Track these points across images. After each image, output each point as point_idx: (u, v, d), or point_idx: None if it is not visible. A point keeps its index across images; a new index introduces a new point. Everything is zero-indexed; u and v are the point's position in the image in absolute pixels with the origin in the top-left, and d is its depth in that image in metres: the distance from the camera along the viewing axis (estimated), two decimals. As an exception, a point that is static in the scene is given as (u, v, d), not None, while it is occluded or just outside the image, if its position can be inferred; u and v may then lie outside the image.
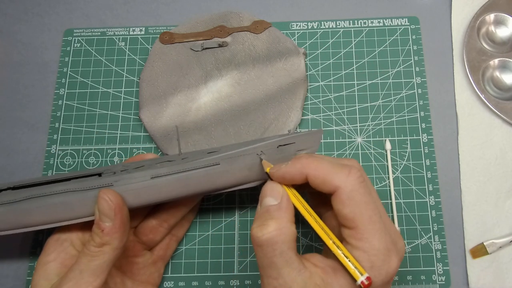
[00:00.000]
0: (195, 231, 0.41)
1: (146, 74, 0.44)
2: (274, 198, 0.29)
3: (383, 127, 0.43)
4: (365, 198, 0.27)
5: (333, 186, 0.28)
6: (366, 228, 0.27)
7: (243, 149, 0.33)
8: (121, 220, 0.31)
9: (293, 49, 0.44)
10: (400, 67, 0.45)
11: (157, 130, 0.42)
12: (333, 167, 0.28)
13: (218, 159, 0.33)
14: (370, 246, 0.27)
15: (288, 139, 0.34)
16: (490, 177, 0.41)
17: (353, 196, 0.27)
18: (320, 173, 0.28)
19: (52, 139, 0.44)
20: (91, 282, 0.29)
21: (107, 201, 0.30)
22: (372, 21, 0.47)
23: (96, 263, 0.30)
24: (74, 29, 0.48)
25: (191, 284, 0.39)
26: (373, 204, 0.28)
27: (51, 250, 0.32)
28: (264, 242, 0.27)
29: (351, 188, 0.27)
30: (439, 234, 0.39)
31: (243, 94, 0.43)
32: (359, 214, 0.27)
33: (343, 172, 0.28)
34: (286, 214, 0.28)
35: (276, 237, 0.27)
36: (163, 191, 0.33)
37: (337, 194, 0.28)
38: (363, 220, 0.27)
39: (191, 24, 0.46)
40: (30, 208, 0.32)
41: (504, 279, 0.38)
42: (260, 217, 0.28)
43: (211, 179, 0.33)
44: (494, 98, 0.43)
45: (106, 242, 0.30)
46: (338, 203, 0.28)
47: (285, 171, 0.30)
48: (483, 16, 0.45)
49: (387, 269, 0.27)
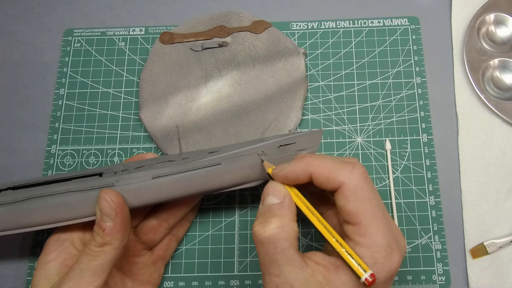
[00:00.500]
0: (195, 231, 0.41)
1: (146, 74, 0.44)
2: (276, 197, 0.29)
3: (383, 127, 0.43)
4: (369, 194, 0.28)
5: (337, 182, 0.28)
6: (370, 224, 0.27)
7: (244, 149, 0.33)
8: (122, 220, 0.31)
9: (293, 49, 0.44)
10: (400, 67, 0.45)
11: (157, 130, 0.42)
12: (337, 164, 0.28)
13: (219, 159, 0.33)
14: (373, 242, 0.27)
15: (289, 139, 0.34)
16: (490, 177, 0.41)
17: (357, 191, 0.27)
18: (324, 170, 0.28)
19: (52, 139, 0.44)
20: (91, 282, 0.29)
21: (108, 201, 0.30)
22: (372, 21, 0.47)
23: (97, 263, 0.30)
24: (74, 29, 0.48)
25: (191, 284, 0.39)
26: (376, 200, 0.28)
27: (51, 250, 0.32)
28: (266, 239, 0.27)
29: (355, 184, 0.28)
30: (439, 234, 0.39)
31: (243, 94, 0.43)
32: (363, 210, 0.27)
33: (347, 168, 0.28)
34: (288, 212, 0.28)
35: (278, 234, 0.27)
36: (164, 191, 0.33)
37: (341, 189, 0.28)
38: (367, 215, 0.27)
39: (191, 24, 0.46)
40: (30, 208, 0.32)
41: (504, 279, 0.38)
42: (262, 215, 0.28)
43: (212, 179, 0.33)
44: (494, 98, 0.43)
45: (107, 242, 0.30)
46: (342, 199, 0.28)
47: (288, 171, 0.30)
48: (483, 16, 0.45)
49: (390, 265, 0.27)
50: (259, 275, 0.39)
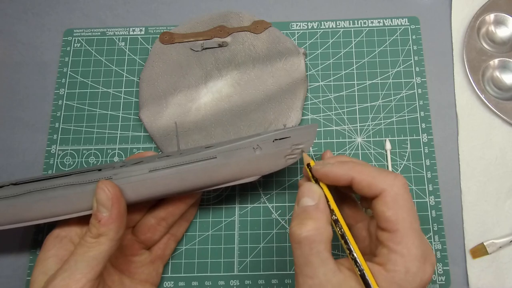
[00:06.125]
0: (195, 231, 0.41)
1: (146, 74, 0.44)
2: (312, 198, 0.30)
3: (383, 127, 0.43)
4: (408, 204, 0.28)
5: (379, 189, 0.28)
6: (406, 233, 0.27)
7: (240, 143, 0.34)
8: (118, 211, 0.31)
9: (293, 49, 0.44)
10: (400, 67, 0.45)
11: (157, 130, 0.42)
12: (380, 172, 0.29)
13: (215, 153, 0.33)
14: (408, 251, 0.27)
15: (284, 133, 0.34)
16: (490, 177, 0.41)
17: (397, 199, 0.28)
18: (367, 176, 0.29)
19: (52, 139, 0.44)
20: (85, 273, 0.29)
21: (105, 191, 0.31)
22: (372, 21, 0.47)
23: (91, 254, 0.30)
24: (74, 29, 0.48)
25: (191, 284, 0.39)
26: (414, 212, 0.28)
27: (50, 247, 0.33)
28: (302, 240, 0.27)
29: (396, 192, 0.28)
30: (439, 234, 0.39)
31: (243, 94, 0.43)
32: (401, 218, 0.27)
33: (389, 177, 0.29)
34: (323, 215, 0.29)
35: (314, 236, 0.27)
36: (160, 184, 0.33)
37: (381, 196, 0.28)
38: (405, 224, 0.27)
39: (191, 24, 0.46)
40: (30, 201, 0.32)
41: (504, 279, 0.38)
42: (298, 216, 0.29)
43: (208, 173, 0.33)
44: (494, 98, 0.43)
45: (102, 233, 0.30)
46: (382, 205, 0.28)
47: (330, 170, 0.30)
48: (483, 16, 0.45)
49: (422, 276, 0.27)
50: (259, 275, 0.39)
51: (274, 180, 0.42)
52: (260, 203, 0.41)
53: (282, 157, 0.35)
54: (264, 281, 0.39)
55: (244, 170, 0.34)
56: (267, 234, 0.40)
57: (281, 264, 0.39)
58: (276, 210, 0.41)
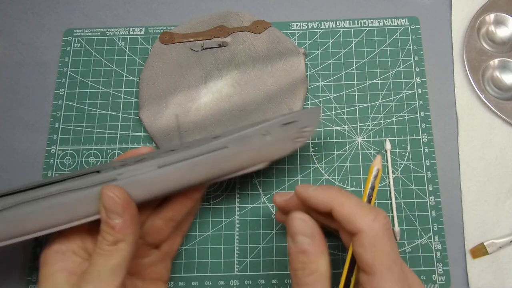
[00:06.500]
0: (195, 231, 0.41)
1: (146, 74, 0.44)
2: (307, 236, 0.29)
3: (383, 127, 0.43)
4: (387, 246, 0.27)
5: (356, 228, 0.28)
6: (383, 278, 0.27)
7: (249, 130, 0.33)
8: (131, 215, 0.30)
9: (293, 49, 0.44)
10: (400, 67, 0.45)
11: (157, 130, 0.42)
12: (360, 209, 0.28)
13: (226, 142, 0.33)
14: None
15: (291, 117, 0.35)
16: (490, 177, 0.41)
17: (375, 242, 0.27)
18: (346, 212, 0.28)
19: (52, 139, 0.44)
20: (111, 281, 0.28)
21: (113, 198, 0.29)
22: (372, 21, 0.47)
23: (113, 262, 0.29)
24: (74, 29, 0.48)
25: (191, 284, 0.39)
26: (394, 254, 0.27)
27: (54, 262, 0.31)
28: (309, 283, 0.27)
29: (374, 234, 0.27)
30: (439, 234, 0.39)
31: (243, 94, 0.43)
32: (379, 262, 0.27)
33: (369, 216, 0.28)
34: (321, 253, 0.28)
35: (319, 281, 0.27)
36: (171, 180, 0.32)
37: (359, 236, 0.27)
38: (382, 268, 0.27)
39: (191, 24, 0.46)
40: (22, 214, 0.30)
41: (504, 279, 0.38)
42: (296, 259, 0.28)
43: (219, 164, 0.33)
44: (494, 98, 0.43)
45: (120, 239, 0.29)
46: (359, 246, 0.27)
47: (312, 196, 0.30)
48: (483, 16, 0.45)
49: None
50: (258, 275, 0.39)
51: (274, 180, 0.42)
52: (260, 203, 0.41)
53: (290, 141, 0.35)
54: (264, 281, 0.39)
55: (255, 157, 0.33)
56: (267, 234, 0.40)
57: (281, 264, 0.39)
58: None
